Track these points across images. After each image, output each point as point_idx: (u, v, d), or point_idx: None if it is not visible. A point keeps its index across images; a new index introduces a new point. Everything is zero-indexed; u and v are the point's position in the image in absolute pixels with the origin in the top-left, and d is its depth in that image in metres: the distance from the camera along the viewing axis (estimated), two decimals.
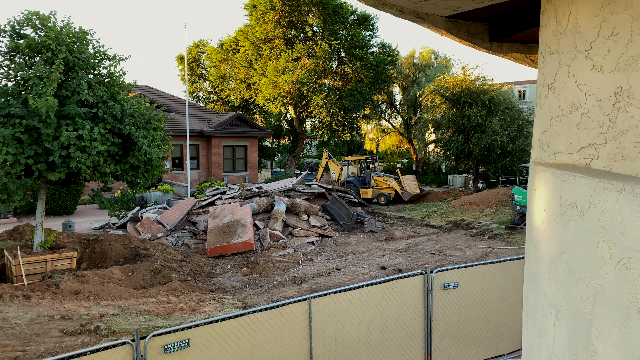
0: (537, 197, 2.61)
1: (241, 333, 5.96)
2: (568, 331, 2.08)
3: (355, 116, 39.05)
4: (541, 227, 2.51)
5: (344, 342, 6.89)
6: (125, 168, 11.98)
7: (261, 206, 19.89)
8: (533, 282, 2.63)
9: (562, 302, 2.16)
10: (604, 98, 2.37)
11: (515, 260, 8.63)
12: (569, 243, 2.12)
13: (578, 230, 2.03)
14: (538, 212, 2.58)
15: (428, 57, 47.13)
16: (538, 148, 2.82)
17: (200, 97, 48.38)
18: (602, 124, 2.36)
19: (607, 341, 1.72)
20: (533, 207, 2.72)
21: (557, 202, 2.26)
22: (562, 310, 2.16)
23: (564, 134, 2.56)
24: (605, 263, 1.76)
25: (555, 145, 2.61)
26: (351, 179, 29.38)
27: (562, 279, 2.15)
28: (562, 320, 2.14)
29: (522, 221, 20.40)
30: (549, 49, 2.76)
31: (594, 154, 2.38)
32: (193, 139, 33.24)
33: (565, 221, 2.16)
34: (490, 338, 8.46)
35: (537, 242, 2.57)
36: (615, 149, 2.28)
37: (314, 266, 15.53)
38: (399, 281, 7.28)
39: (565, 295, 2.12)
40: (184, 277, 12.46)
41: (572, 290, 2.04)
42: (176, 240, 18.19)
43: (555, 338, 2.22)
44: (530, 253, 2.75)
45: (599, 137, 2.36)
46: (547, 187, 2.41)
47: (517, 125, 28.70)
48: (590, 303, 1.86)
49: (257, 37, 37.18)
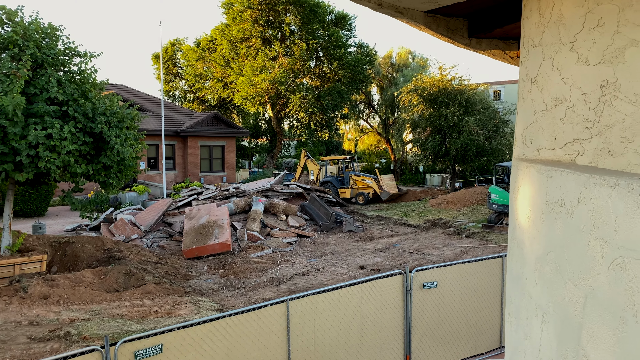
0: (521, 194, 2.53)
1: (217, 337, 5.78)
2: (556, 334, 1.99)
3: (333, 116, 38.99)
4: (526, 225, 2.42)
5: (323, 343, 6.77)
6: (97, 168, 11.62)
7: (239, 206, 19.64)
8: (517, 282, 2.55)
9: (549, 303, 2.07)
10: (589, 91, 2.29)
11: (494, 258, 8.64)
12: (556, 242, 2.03)
13: (566, 229, 1.95)
14: (522, 210, 2.50)
15: (405, 57, 47.38)
16: (521, 144, 2.74)
17: (177, 96, 47.71)
18: (587, 118, 2.28)
19: (599, 346, 1.64)
20: (516, 205, 2.64)
21: (543, 199, 2.17)
22: (549, 312, 2.07)
23: (548, 129, 2.48)
24: (597, 263, 1.68)
25: (539, 141, 2.53)
26: (330, 179, 29.31)
27: (549, 280, 2.07)
28: (550, 322, 2.06)
29: (499, 220, 20.61)
30: (531, 41, 2.68)
31: (579, 149, 2.30)
32: (169, 139, 32.70)
33: (552, 219, 2.07)
34: (469, 337, 8.45)
35: (522, 241, 2.49)
36: (601, 144, 2.20)
37: (292, 267, 15.38)
38: (378, 281, 7.20)
39: (552, 297, 2.04)
40: (159, 279, 12.17)
41: (560, 291, 1.96)
42: (151, 241, 17.82)
43: (542, 341, 2.14)
44: (514, 253, 2.66)
45: (585, 132, 2.28)
46: (532, 184, 2.32)
47: (493, 125, 29.05)
48: (580, 305, 1.77)
49: (234, 35, 36.82)
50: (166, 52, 44.71)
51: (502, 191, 20.51)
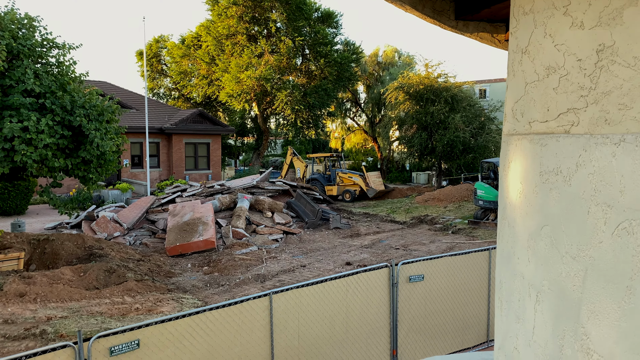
0: (512, 170, 2.38)
1: (197, 332, 5.58)
2: (552, 314, 1.85)
3: (320, 114, 38.81)
4: (517, 202, 2.28)
5: (308, 338, 6.60)
6: (77, 162, 11.30)
7: (223, 203, 19.38)
8: (508, 263, 2.40)
9: (543, 281, 1.93)
10: (584, 57, 2.15)
11: (480, 252, 8.55)
12: (551, 214, 1.89)
13: (563, 198, 1.80)
14: (513, 186, 2.36)
15: (392, 55, 47.39)
16: (511, 119, 2.59)
17: (161, 93, 47.12)
18: (582, 86, 2.13)
19: (602, 321, 1.50)
20: (507, 182, 2.50)
21: (536, 170, 2.03)
22: (543, 291, 1.93)
23: (540, 100, 2.33)
24: (599, 230, 1.54)
25: (531, 114, 2.38)
26: (316, 176, 29.14)
27: (544, 256, 1.92)
28: (544, 302, 1.91)
29: (485, 216, 20.63)
30: (522, 10, 2.53)
31: (574, 119, 2.15)
32: (153, 136, 32.26)
33: (547, 190, 1.93)
34: (456, 331, 8.35)
35: (513, 219, 2.34)
36: (597, 112, 2.05)
37: (278, 263, 15.19)
38: (364, 274, 7.05)
39: (547, 274, 1.89)
40: (141, 276, 11.90)
41: (556, 267, 1.81)
42: (134, 239, 17.49)
43: (536, 323, 1.99)
44: (504, 233, 2.52)
45: (580, 101, 2.13)
46: (524, 156, 2.18)
47: (479, 122, 29.12)
48: (579, 279, 1.63)
49: (219, 32, 36.42)
50: (150, 49, 44.10)
51: (488, 187, 20.52)
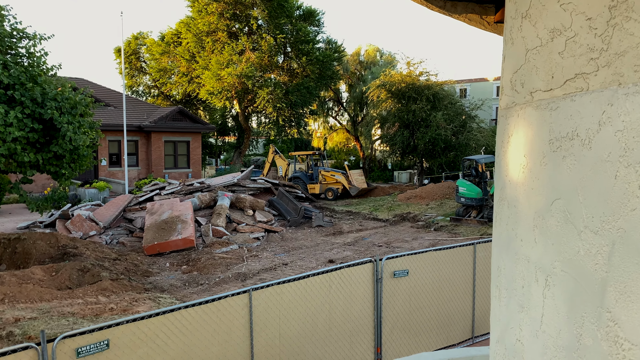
0: (513, 144, 2.16)
1: (172, 331, 5.28)
2: (566, 299, 1.63)
3: (302, 112, 38.51)
4: (520, 178, 2.06)
5: (289, 336, 6.34)
6: (48, 157, 10.84)
7: (203, 202, 18.98)
8: (509, 248, 2.18)
9: (555, 263, 1.71)
10: (595, 16, 1.92)
11: (465, 246, 8.39)
12: (565, 186, 1.67)
13: (580, 165, 1.58)
14: (514, 162, 2.14)
15: (373, 54, 47.38)
16: (510, 91, 2.38)
17: (140, 91, 46.28)
18: (592, 47, 1.91)
19: (635, 303, 1.28)
20: (506, 159, 2.28)
21: (544, 139, 1.82)
22: (555, 274, 1.71)
23: (544, 67, 2.11)
24: (630, 196, 1.33)
25: (533, 83, 2.16)
26: (298, 174, 28.85)
27: (556, 234, 1.71)
28: (556, 286, 1.70)
29: (467, 213, 20.62)
30: None
31: (583, 85, 1.93)
32: (131, 134, 31.59)
33: (559, 159, 1.71)
34: (441, 327, 8.17)
35: (514, 198, 2.13)
36: (609, 76, 1.83)
37: (259, 262, 14.88)
38: (347, 270, 6.82)
39: (560, 254, 1.68)
40: (117, 276, 11.49)
41: (572, 244, 1.60)
42: (111, 238, 17.00)
43: (545, 310, 1.78)
44: (503, 215, 2.30)
45: (589, 65, 1.91)
46: (529, 126, 1.97)
47: (460, 120, 29.19)
48: (603, 256, 1.42)
49: (200, 29, 35.87)
50: (129, 46, 43.25)
51: (470, 185, 20.52)
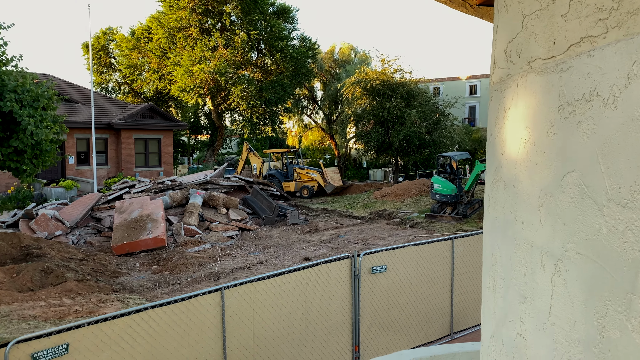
0: (510, 118, 1.96)
1: (138, 333, 4.94)
2: (583, 285, 1.43)
3: (276, 110, 38.12)
4: (520, 154, 1.85)
5: (264, 337, 6.07)
6: (8, 152, 10.28)
7: (175, 200, 18.48)
8: (505, 233, 1.97)
9: (567, 245, 1.51)
10: None
11: (443, 241, 8.27)
12: (580, 156, 1.47)
13: (603, 129, 1.38)
14: (513, 137, 1.93)
15: (348, 52, 47.34)
16: (504, 63, 2.17)
17: (110, 88, 45.10)
18: (601, 7, 1.70)
19: None
20: (502, 135, 2.07)
21: (553, 105, 1.61)
22: (567, 258, 1.50)
23: (544, 33, 1.91)
24: None
25: (531, 51, 1.95)
26: (273, 172, 28.50)
27: (569, 212, 1.50)
28: (569, 271, 1.49)
29: (442, 209, 20.66)
30: None
31: (589, 50, 1.72)
32: (100, 132, 30.69)
33: (573, 125, 1.51)
34: (420, 324, 8.02)
35: (513, 177, 1.92)
36: (621, 37, 1.62)
37: (233, 261, 14.53)
38: (324, 266, 6.58)
39: (574, 235, 1.47)
40: (83, 276, 10.99)
41: (592, 222, 1.39)
42: (78, 238, 16.36)
43: (554, 300, 1.57)
44: (498, 198, 2.09)
45: (597, 27, 1.71)
46: (532, 94, 1.76)
47: (434, 118, 29.30)
48: (635, 232, 1.21)
49: (171, 24, 35.13)
50: (98, 41, 42.07)
51: (445, 181, 20.56)
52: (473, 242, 8.57)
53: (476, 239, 8.61)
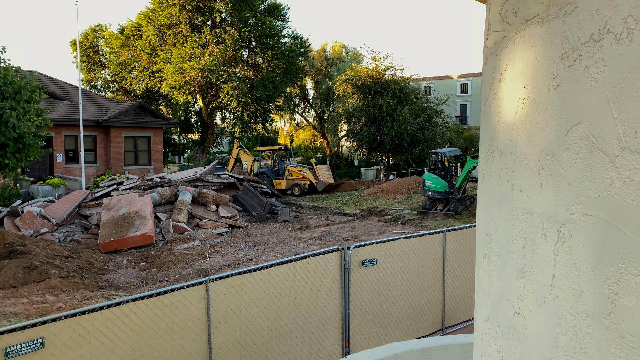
0: (507, 79, 1.81)
1: (118, 327, 4.75)
2: (592, 250, 1.28)
3: (268, 107, 37.88)
4: (518, 116, 1.70)
5: (251, 331, 5.89)
6: None
7: (163, 197, 18.23)
8: (501, 206, 1.82)
9: (573, 207, 1.36)
10: None
11: (435, 234, 8.13)
12: (588, 104, 1.32)
13: (615, 69, 1.23)
14: (510, 99, 1.78)
15: (339, 51, 47.21)
16: (499, 26, 2.01)
17: (99, 86, 44.58)
18: None
19: None
20: (498, 101, 1.92)
21: (555, 55, 1.46)
22: (573, 222, 1.36)
23: None
24: None
25: (528, 8, 1.79)
26: (264, 170, 28.27)
27: (574, 170, 1.35)
28: (575, 236, 1.34)
29: (433, 206, 20.58)
30: None
31: None
32: (89, 130, 30.29)
33: (580, 72, 1.36)
34: (411, 319, 7.88)
35: (509, 143, 1.77)
36: None
37: (222, 258, 14.33)
38: (314, 259, 6.42)
39: (580, 194, 1.33)
40: (67, 273, 10.74)
41: (602, 176, 1.25)
42: (64, 235, 16.08)
43: (557, 271, 1.42)
44: (493, 169, 1.94)
45: None
46: (532, 48, 1.61)
47: (426, 115, 29.23)
48: None
49: (161, 21, 34.78)
50: (87, 39, 41.56)
51: (436, 178, 20.48)
52: (465, 235, 8.45)
53: (468, 232, 8.49)
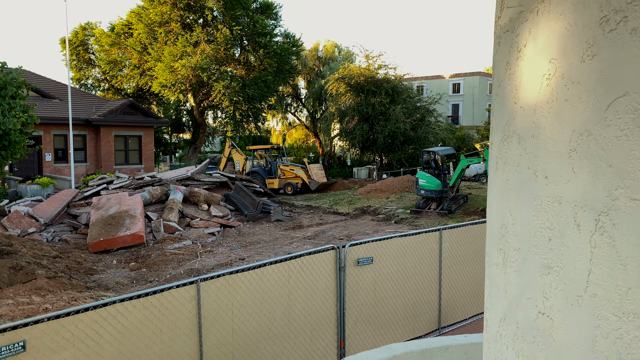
0: (528, 56, 1.63)
1: (104, 329, 4.54)
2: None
3: (260, 106, 37.61)
4: (543, 94, 1.53)
5: (243, 332, 5.70)
6: None
7: (154, 196, 17.95)
8: (520, 195, 1.66)
9: (616, 192, 1.20)
10: None
11: (431, 232, 7.98)
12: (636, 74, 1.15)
13: None
14: (531, 77, 1.61)
15: (332, 50, 47.09)
16: (515, 1, 1.84)
17: (89, 84, 44.07)
18: None
19: None
20: (515, 81, 1.75)
21: (591, 21, 1.29)
22: (615, 208, 1.19)
23: None
24: None
25: None
26: (257, 169, 28.01)
27: (618, 149, 1.19)
28: (619, 225, 1.18)
29: (427, 205, 20.48)
30: None
31: None
32: (79, 128, 29.89)
33: (625, 34, 1.18)
34: (407, 319, 7.73)
35: (532, 126, 1.59)
36: None
37: (214, 258, 14.11)
38: (308, 257, 6.24)
39: (625, 177, 1.17)
40: (55, 274, 10.48)
41: None
42: (52, 235, 15.77)
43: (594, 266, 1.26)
44: (510, 156, 1.77)
45: None
46: (560, 17, 1.43)
47: (419, 114, 29.15)
48: None
49: (152, 19, 34.40)
50: (76, 37, 41.07)
51: (430, 177, 20.37)
52: (461, 233, 8.31)
53: (465, 230, 8.36)
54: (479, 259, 8.64)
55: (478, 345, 4.37)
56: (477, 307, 8.70)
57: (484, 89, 53.50)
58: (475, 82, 52.80)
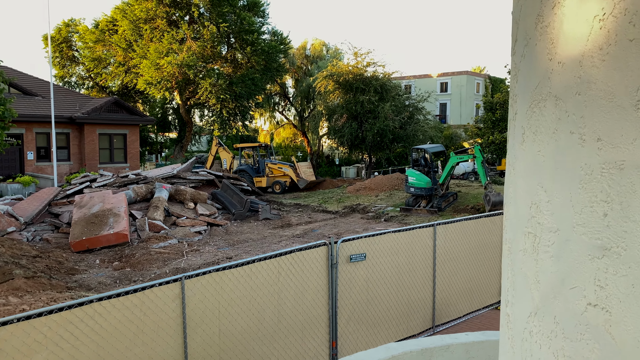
0: (569, 2, 1.38)
1: (81, 330, 4.22)
2: None
3: (247, 105, 37.20)
4: (592, 41, 1.28)
5: (231, 333, 5.40)
6: None
7: (139, 194, 17.53)
8: (557, 166, 1.40)
9: None
10: None
11: (425, 227, 7.75)
12: None
13: None
14: (575, 24, 1.35)
15: (320, 48, 46.85)
16: None
17: (73, 82, 43.25)
18: None
19: None
20: (551, 33, 1.49)
21: None
22: None
23: None
24: None
25: None
26: (244, 167, 27.64)
27: None
28: None
29: (416, 203, 20.31)
30: None
31: None
32: (62, 126, 29.25)
33: None
34: (401, 317, 7.48)
35: (578, 81, 1.34)
36: None
37: (200, 256, 13.75)
38: (299, 254, 5.95)
39: None
40: (34, 274, 10.07)
41: None
42: (33, 235, 15.28)
43: None
44: (543, 122, 1.51)
45: None
46: None
47: (407, 112, 29.03)
48: None
49: (137, 16, 33.83)
50: (60, 33, 40.28)
51: (419, 174, 20.21)
52: (456, 229, 8.09)
53: (459, 225, 8.14)
54: (474, 255, 8.43)
55: (480, 344, 4.13)
56: (471, 305, 8.50)
57: (472, 88, 53.63)
58: (462, 81, 52.87)
